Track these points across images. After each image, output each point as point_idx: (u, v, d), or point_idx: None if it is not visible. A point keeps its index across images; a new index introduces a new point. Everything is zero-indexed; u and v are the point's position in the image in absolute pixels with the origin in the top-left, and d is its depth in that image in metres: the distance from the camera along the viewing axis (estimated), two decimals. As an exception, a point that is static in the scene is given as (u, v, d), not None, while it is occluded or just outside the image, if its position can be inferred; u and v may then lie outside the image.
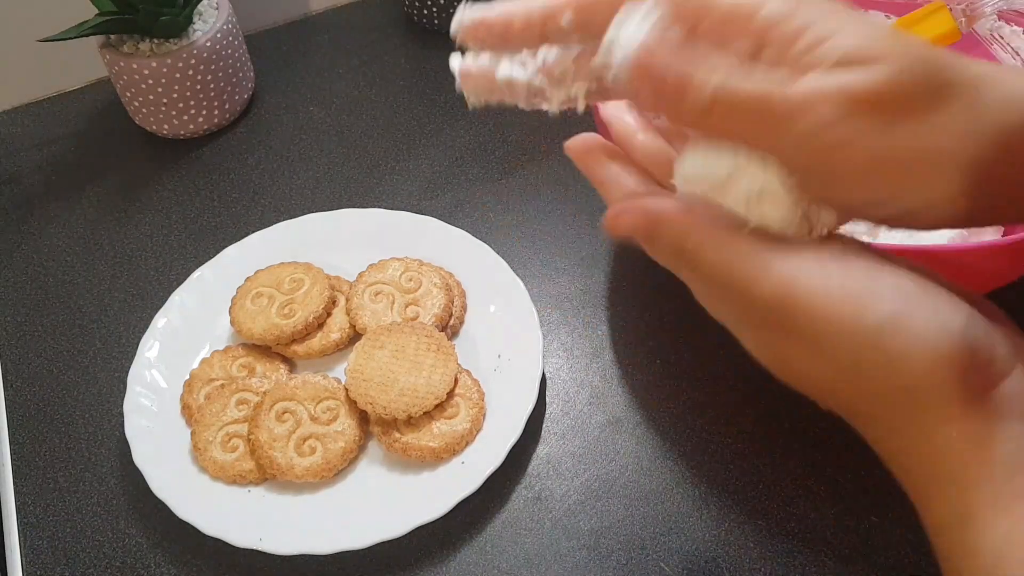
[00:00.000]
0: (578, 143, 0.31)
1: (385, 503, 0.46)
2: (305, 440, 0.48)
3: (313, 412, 0.49)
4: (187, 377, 0.52)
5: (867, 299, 0.24)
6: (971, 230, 0.47)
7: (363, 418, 0.49)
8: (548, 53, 0.28)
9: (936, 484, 0.25)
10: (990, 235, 0.48)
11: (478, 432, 0.48)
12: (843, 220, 0.27)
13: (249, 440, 0.48)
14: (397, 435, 0.48)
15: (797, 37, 0.24)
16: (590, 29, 0.27)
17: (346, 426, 0.48)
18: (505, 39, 0.28)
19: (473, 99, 0.29)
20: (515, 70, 0.28)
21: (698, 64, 0.24)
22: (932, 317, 0.24)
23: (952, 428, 0.24)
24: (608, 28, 0.25)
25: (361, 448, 0.49)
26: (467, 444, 0.48)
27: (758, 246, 0.25)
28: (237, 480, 0.47)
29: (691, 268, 0.27)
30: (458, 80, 0.29)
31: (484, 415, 0.49)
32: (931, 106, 0.23)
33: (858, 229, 0.47)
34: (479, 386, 0.50)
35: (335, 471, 0.47)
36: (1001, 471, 0.23)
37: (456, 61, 0.29)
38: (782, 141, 0.24)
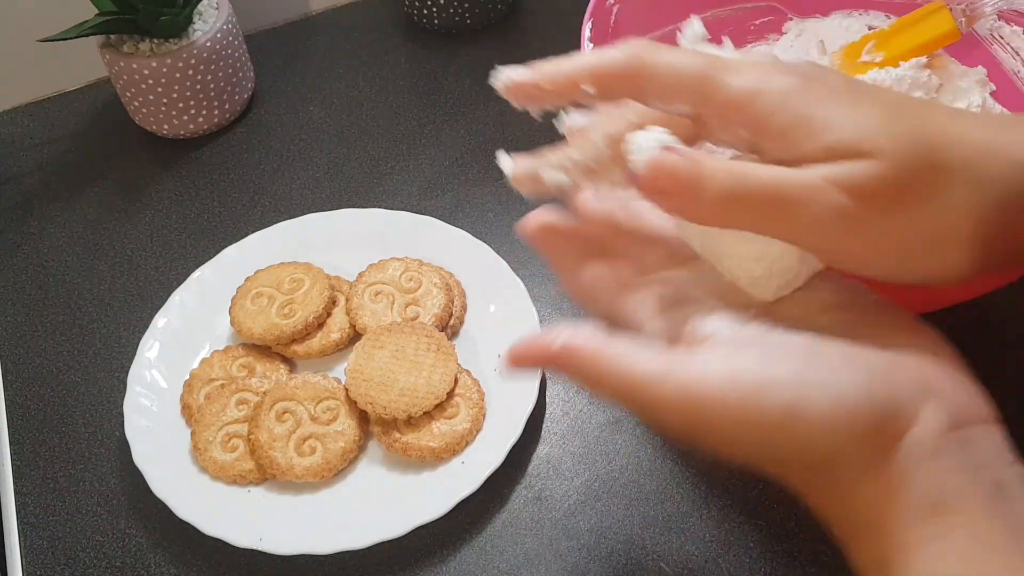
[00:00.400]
0: (529, 226, 0.34)
1: (385, 503, 0.46)
2: (305, 440, 0.48)
3: (313, 412, 0.49)
4: (187, 377, 0.52)
5: (762, 395, 0.25)
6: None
7: (363, 418, 0.49)
8: (576, 153, 0.31)
9: (858, 534, 0.26)
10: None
11: (478, 432, 0.48)
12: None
13: (249, 440, 0.48)
14: (397, 435, 0.48)
15: (795, 129, 0.25)
16: (611, 98, 0.29)
17: (346, 426, 0.48)
18: (539, 99, 0.30)
19: (525, 192, 0.32)
20: (557, 175, 0.31)
21: (710, 161, 0.26)
22: (828, 395, 0.25)
23: (866, 486, 0.25)
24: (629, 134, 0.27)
25: (361, 448, 0.49)
26: (467, 444, 0.48)
27: (653, 366, 0.27)
28: (237, 480, 0.47)
29: (599, 396, 0.30)
30: (510, 180, 0.32)
31: (484, 415, 0.49)
32: (930, 192, 0.25)
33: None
34: (479, 386, 0.50)
35: (335, 471, 0.47)
36: (913, 515, 0.25)
37: (506, 163, 0.32)
38: (793, 228, 0.25)
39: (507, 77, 0.31)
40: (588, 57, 0.29)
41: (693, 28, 0.32)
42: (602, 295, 0.33)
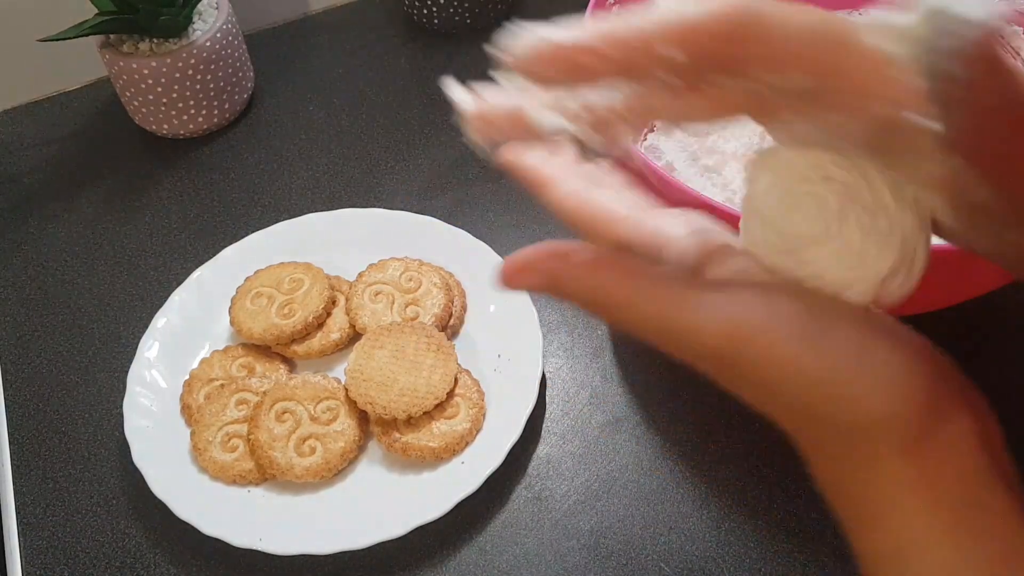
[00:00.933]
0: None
1: (385, 503, 0.46)
2: (305, 440, 0.48)
3: (313, 412, 0.49)
4: (187, 377, 0.52)
5: (816, 348, 0.23)
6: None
7: (363, 418, 0.49)
8: (592, 95, 0.22)
9: (876, 515, 0.25)
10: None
11: (478, 432, 0.48)
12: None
13: (249, 440, 0.48)
14: (397, 435, 0.48)
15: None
16: (701, 70, 0.21)
17: (346, 426, 0.48)
18: (577, 73, 0.21)
19: (483, 141, 0.23)
20: (556, 119, 0.22)
21: None
22: (876, 369, 0.24)
23: (896, 464, 0.24)
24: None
25: (361, 448, 0.49)
26: (467, 444, 0.48)
27: (694, 290, 0.24)
28: (237, 480, 0.47)
29: (619, 322, 0.25)
30: (466, 121, 0.23)
31: (484, 415, 0.49)
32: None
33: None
34: (479, 386, 0.50)
35: (335, 471, 0.47)
36: (946, 511, 0.24)
37: (460, 95, 0.23)
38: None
39: (528, 44, 0.21)
40: (667, 10, 0.21)
41: None
42: (616, 211, 0.28)
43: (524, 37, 0.21)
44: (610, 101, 0.23)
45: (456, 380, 0.49)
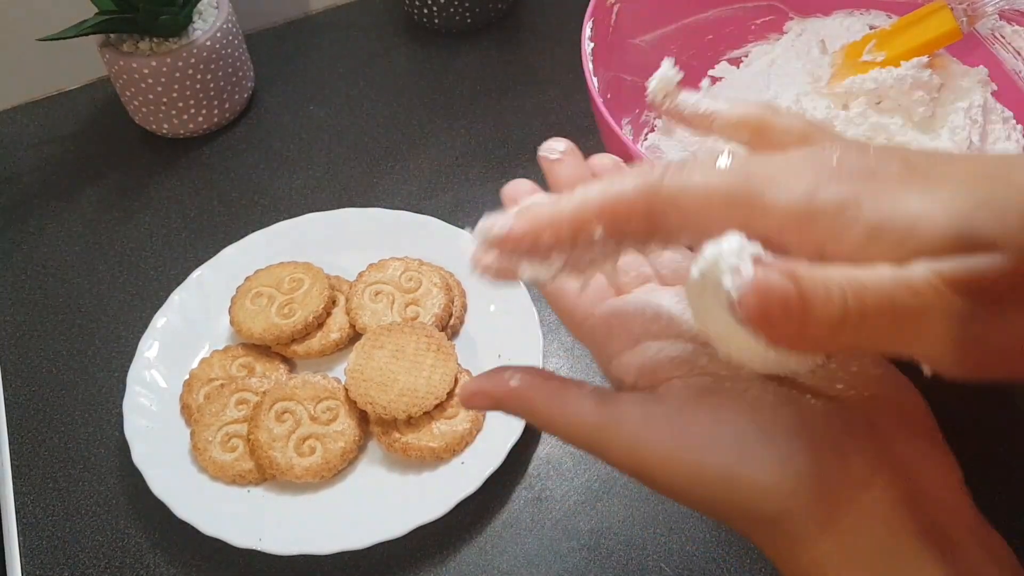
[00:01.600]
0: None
1: (385, 503, 0.46)
2: (305, 440, 0.48)
3: (313, 412, 0.49)
4: (187, 377, 0.52)
5: (704, 453, 0.25)
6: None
7: (363, 418, 0.49)
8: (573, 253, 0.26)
9: None
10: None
11: (478, 432, 0.48)
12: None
13: (249, 440, 0.48)
14: (397, 435, 0.48)
15: (876, 240, 0.21)
16: (624, 239, 0.25)
17: (346, 426, 0.48)
18: (533, 251, 0.25)
19: (491, 279, 0.27)
20: (540, 271, 0.26)
21: (813, 277, 0.21)
22: (769, 461, 0.24)
23: (819, 545, 0.24)
24: (703, 247, 0.22)
25: (361, 448, 0.49)
26: (467, 444, 0.48)
27: (601, 412, 0.26)
28: (237, 480, 0.47)
29: (552, 434, 0.28)
30: (473, 267, 0.27)
31: (484, 415, 0.49)
32: None
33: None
34: (479, 386, 0.50)
35: (335, 471, 0.47)
36: None
37: (472, 246, 0.27)
38: (907, 341, 0.21)
39: (490, 231, 0.25)
40: (592, 192, 0.24)
41: (665, 72, 0.29)
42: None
43: (490, 228, 0.25)
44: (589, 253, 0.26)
45: (456, 380, 0.49)
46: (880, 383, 0.26)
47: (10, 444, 0.52)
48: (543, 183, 0.32)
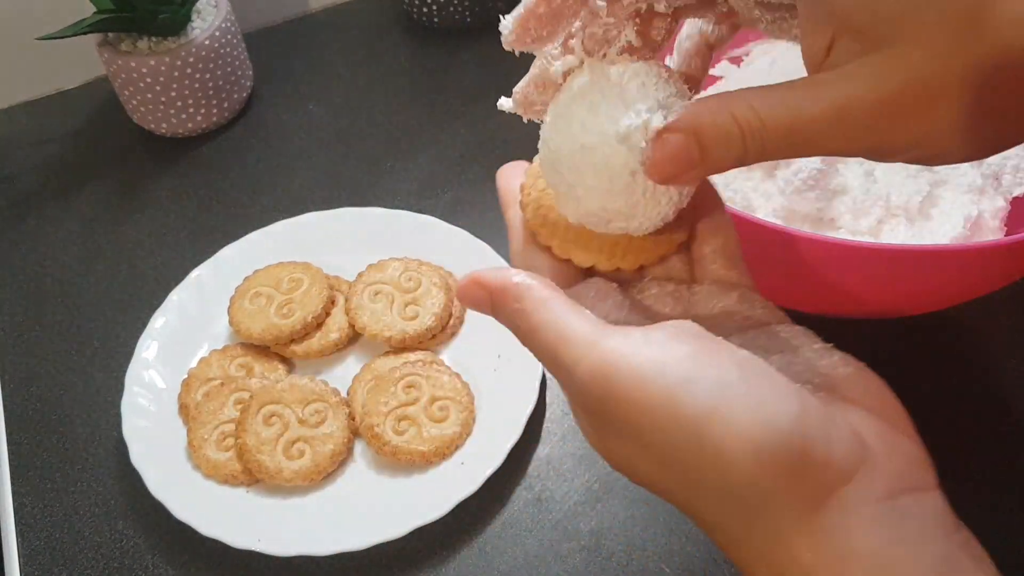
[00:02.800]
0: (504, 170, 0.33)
1: (385, 504, 0.46)
2: (293, 443, 0.47)
3: (301, 415, 0.48)
4: (185, 377, 0.52)
5: (683, 390, 0.22)
6: (972, 230, 0.47)
7: (351, 420, 0.49)
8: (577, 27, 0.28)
9: None
10: (990, 235, 0.48)
11: (468, 436, 0.48)
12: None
13: (237, 444, 0.48)
14: (386, 439, 0.47)
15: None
16: None
17: (334, 429, 0.48)
18: (554, 17, 0.26)
19: (536, 115, 0.30)
20: (566, 59, 0.28)
21: (711, 125, 0.24)
22: (753, 410, 0.22)
23: (796, 540, 0.22)
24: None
25: (350, 450, 0.48)
26: (456, 448, 0.48)
27: (587, 328, 0.24)
28: (229, 480, 0.47)
29: (529, 347, 0.26)
30: (521, 110, 0.31)
31: (474, 419, 0.49)
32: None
33: (860, 227, 0.47)
34: (469, 389, 0.50)
35: (324, 474, 0.47)
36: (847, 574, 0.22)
37: (507, 103, 0.30)
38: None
39: (512, 18, 0.27)
40: None
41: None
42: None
43: (508, 19, 0.26)
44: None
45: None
46: (852, 382, 0.25)
47: (8, 444, 0.52)
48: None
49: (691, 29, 0.31)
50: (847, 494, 0.22)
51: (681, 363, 0.23)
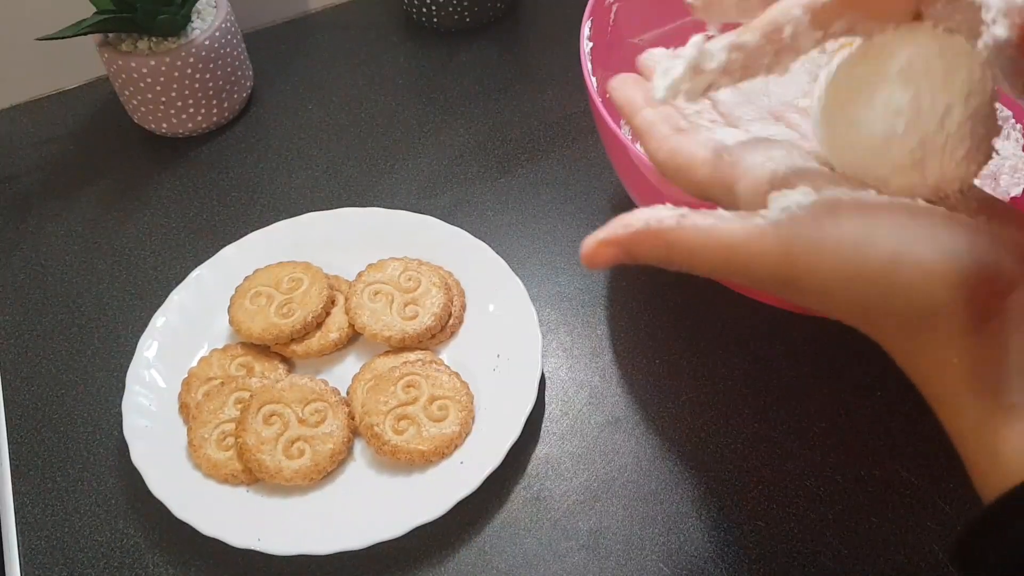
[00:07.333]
0: (618, 80, 0.34)
1: (384, 503, 0.46)
2: (293, 443, 0.47)
3: (300, 414, 0.48)
4: (186, 376, 0.52)
5: (866, 246, 0.25)
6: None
7: (351, 420, 0.49)
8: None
9: (955, 396, 0.25)
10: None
11: (467, 435, 0.48)
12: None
13: (237, 443, 0.48)
14: (386, 439, 0.47)
15: None
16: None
17: (334, 428, 0.48)
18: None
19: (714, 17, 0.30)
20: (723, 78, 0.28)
21: None
22: (932, 248, 0.24)
23: (966, 344, 0.25)
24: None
25: (350, 450, 0.49)
26: (456, 447, 0.48)
27: (749, 227, 0.26)
28: (228, 479, 0.47)
29: (688, 271, 0.28)
30: (702, 15, 0.29)
31: (473, 418, 0.49)
32: None
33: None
34: (468, 388, 0.50)
35: (324, 473, 0.47)
36: (1017, 380, 0.24)
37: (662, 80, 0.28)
38: None
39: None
40: None
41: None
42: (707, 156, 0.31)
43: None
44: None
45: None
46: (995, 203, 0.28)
47: (9, 443, 0.52)
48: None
49: None
50: (1016, 298, 0.25)
51: (856, 225, 0.25)
